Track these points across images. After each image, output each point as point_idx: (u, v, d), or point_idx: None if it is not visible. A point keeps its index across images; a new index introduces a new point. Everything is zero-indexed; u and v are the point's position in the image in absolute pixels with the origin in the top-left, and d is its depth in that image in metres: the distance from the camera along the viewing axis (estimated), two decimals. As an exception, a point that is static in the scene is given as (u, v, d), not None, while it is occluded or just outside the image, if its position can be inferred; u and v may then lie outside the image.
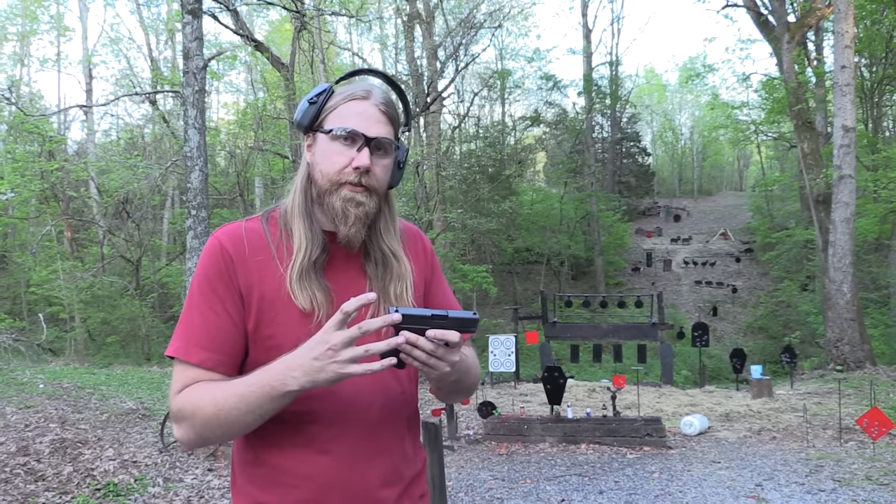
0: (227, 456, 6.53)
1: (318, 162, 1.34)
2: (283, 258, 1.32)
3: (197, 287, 1.31)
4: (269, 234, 1.35)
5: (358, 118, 1.32)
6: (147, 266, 21.71)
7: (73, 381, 10.38)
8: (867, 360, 13.19)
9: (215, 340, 1.28)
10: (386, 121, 1.35)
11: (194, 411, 1.23)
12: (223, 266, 1.30)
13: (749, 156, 52.89)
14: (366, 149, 1.30)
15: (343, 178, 1.31)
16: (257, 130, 19.87)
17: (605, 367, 17.24)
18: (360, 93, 1.35)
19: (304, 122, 1.36)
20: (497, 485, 6.34)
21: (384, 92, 1.39)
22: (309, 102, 1.36)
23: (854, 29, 14.09)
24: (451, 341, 1.18)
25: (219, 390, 1.22)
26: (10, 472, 5.23)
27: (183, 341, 1.29)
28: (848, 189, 13.30)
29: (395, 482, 1.36)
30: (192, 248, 7.42)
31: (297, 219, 1.35)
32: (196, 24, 7.70)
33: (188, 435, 1.25)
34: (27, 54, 29.11)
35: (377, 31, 29.36)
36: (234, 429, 1.22)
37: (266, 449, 1.31)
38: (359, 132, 1.31)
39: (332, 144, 1.32)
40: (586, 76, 31.88)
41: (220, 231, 1.36)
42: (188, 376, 1.27)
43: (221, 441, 1.25)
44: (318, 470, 1.28)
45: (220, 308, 1.29)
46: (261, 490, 1.31)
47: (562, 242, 28.37)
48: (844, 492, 5.63)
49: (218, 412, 1.20)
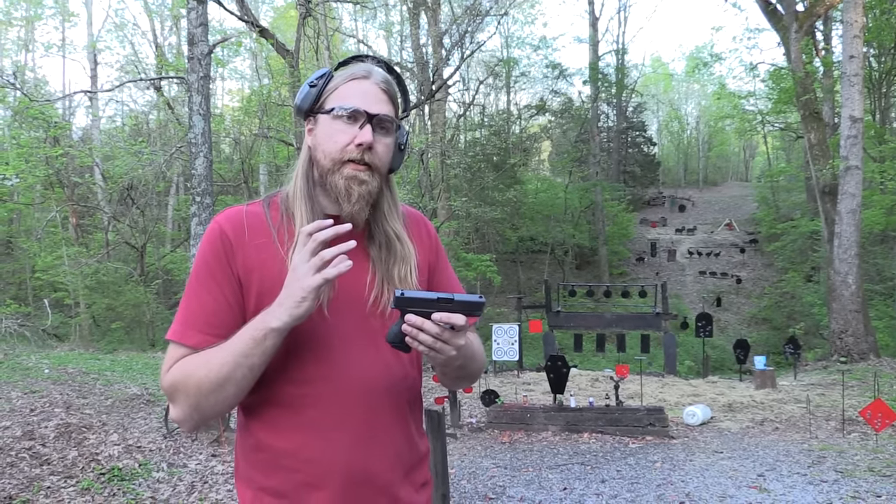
0: (231, 442, 6.56)
1: (321, 142, 1.35)
2: (283, 241, 1.33)
3: (196, 271, 1.33)
4: (269, 218, 1.36)
5: (360, 96, 1.33)
6: (152, 252, 21.75)
7: (77, 367, 10.44)
8: (871, 352, 13.17)
9: (211, 324, 1.29)
10: (387, 99, 1.36)
11: (185, 379, 1.24)
12: (221, 250, 1.31)
13: (755, 146, 52.63)
14: (368, 125, 1.31)
15: (346, 155, 1.31)
16: (262, 117, 19.80)
17: (609, 357, 17.26)
18: (360, 72, 1.36)
19: (304, 105, 1.37)
20: (499, 473, 6.36)
21: (384, 72, 1.40)
22: (310, 86, 1.36)
23: (863, 18, 13.96)
24: (457, 325, 1.19)
25: (207, 353, 1.24)
26: (15, 456, 5.26)
27: (180, 324, 1.30)
28: (854, 180, 13.24)
29: (396, 467, 1.36)
30: (197, 235, 7.42)
31: (298, 202, 1.35)
32: (201, 10, 7.67)
33: (183, 410, 1.26)
34: (32, 40, 29.08)
35: (382, 18, 29.21)
36: (227, 390, 1.22)
37: (267, 433, 1.31)
38: (360, 109, 1.31)
39: (335, 123, 1.33)
40: (592, 65, 31.72)
41: (221, 215, 1.37)
42: (182, 356, 1.29)
43: (216, 411, 1.26)
44: (319, 454, 1.29)
45: (217, 291, 1.30)
46: (263, 475, 1.32)
47: (566, 232, 28.30)
48: (847, 483, 5.63)
49: (209, 372, 1.21)
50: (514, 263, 28.72)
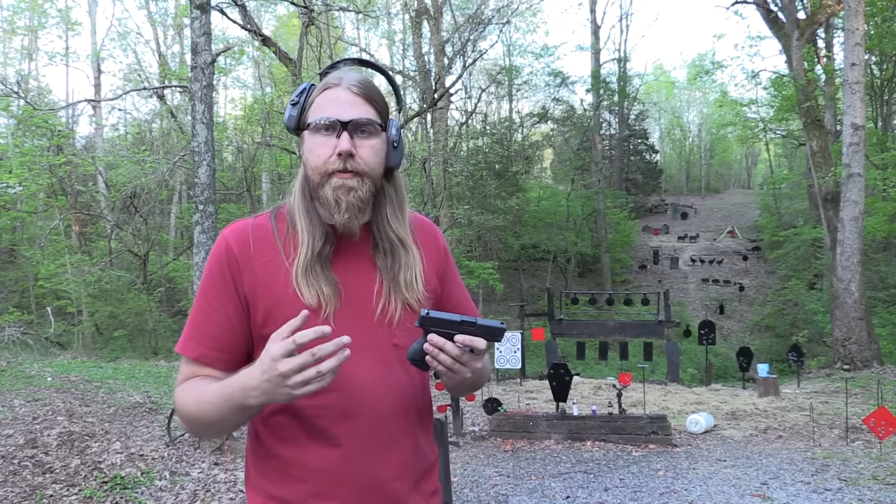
0: (234, 450, 6.55)
1: (307, 158, 1.35)
2: (289, 254, 1.34)
3: (202, 286, 1.37)
4: (276, 230, 1.37)
5: (332, 105, 1.32)
6: (154, 260, 21.76)
7: (80, 375, 10.44)
8: (874, 360, 13.14)
9: (214, 338, 1.33)
10: (362, 101, 1.34)
11: (183, 407, 1.30)
12: (226, 267, 1.34)
13: (757, 153, 52.63)
14: (344, 133, 1.30)
15: (329, 167, 1.31)
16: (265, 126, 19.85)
17: (611, 365, 17.22)
18: (333, 80, 1.36)
19: (290, 124, 1.37)
20: (502, 481, 6.34)
21: (359, 75, 1.39)
22: (291, 104, 1.37)
23: (865, 26, 13.99)
24: (478, 349, 1.21)
25: (201, 393, 1.27)
26: (18, 465, 5.26)
27: (185, 337, 1.35)
28: (857, 187, 13.23)
29: (406, 476, 1.36)
30: (200, 243, 7.44)
31: (298, 217, 1.36)
32: (204, 20, 7.71)
33: (185, 427, 1.35)
34: (35, 48, 29.19)
35: (385, 27, 29.29)
36: (217, 429, 1.30)
37: (277, 443, 1.32)
38: (333, 119, 1.31)
39: (315, 137, 1.33)
40: (594, 73, 31.75)
41: (228, 230, 1.38)
42: (188, 370, 1.35)
43: (214, 437, 1.30)
44: (329, 463, 1.29)
45: (220, 307, 1.33)
46: (273, 484, 1.32)
47: (568, 239, 28.28)
48: (850, 491, 5.61)
49: (200, 413, 1.27)
50: (517, 271, 28.70)
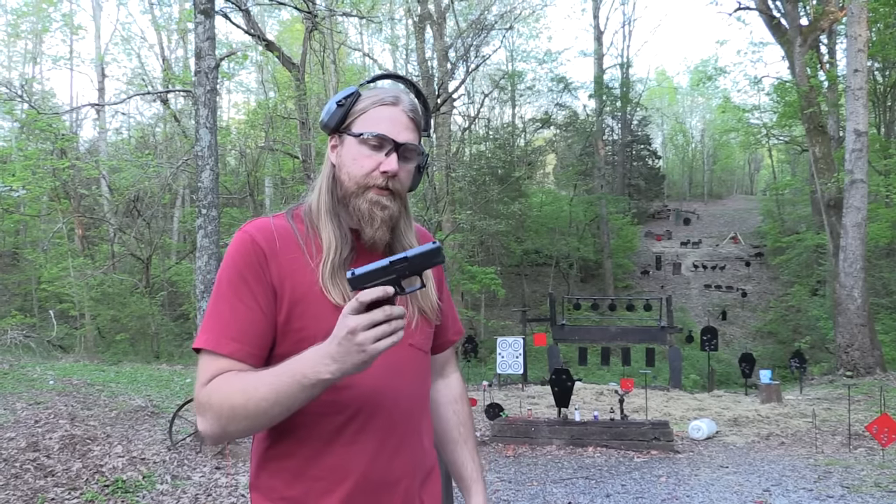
0: (236, 454, 6.55)
1: (346, 164, 1.36)
2: (312, 254, 1.34)
3: (227, 279, 1.31)
4: (297, 231, 1.37)
5: (387, 123, 1.34)
6: (157, 264, 21.79)
7: (82, 378, 10.46)
8: (877, 366, 13.10)
9: (246, 332, 1.28)
10: (413, 127, 1.37)
11: (222, 401, 1.21)
12: (255, 259, 1.31)
13: (760, 159, 52.59)
14: (394, 154, 1.33)
15: (370, 181, 1.33)
16: (268, 130, 19.93)
17: (614, 371, 17.21)
18: (389, 98, 1.37)
19: (331, 123, 1.38)
20: (504, 487, 6.33)
21: (411, 98, 1.41)
22: (337, 104, 1.37)
23: (867, 32, 14.00)
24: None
25: (249, 379, 1.21)
26: (19, 468, 5.27)
27: (213, 333, 1.28)
28: (860, 193, 13.22)
29: (416, 474, 1.39)
30: (203, 247, 7.45)
31: (324, 218, 1.37)
32: (208, 24, 7.74)
33: (212, 427, 1.23)
34: (39, 52, 29.30)
35: (388, 32, 29.40)
36: (259, 421, 1.20)
37: (291, 442, 1.32)
38: (388, 137, 1.33)
39: (361, 148, 1.34)
40: (597, 78, 31.79)
41: (250, 225, 1.37)
42: (217, 367, 1.26)
43: (242, 435, 1.25)
44: (344, 461, 1.30)
45: (251, 300, 1.29)
46: (286, 484, 1.32)
47: (571, 245, 28.28)
48: (853, 498, 5.60)
49: (247, 402, 1.18)
50: (519, 276, 28.71)
